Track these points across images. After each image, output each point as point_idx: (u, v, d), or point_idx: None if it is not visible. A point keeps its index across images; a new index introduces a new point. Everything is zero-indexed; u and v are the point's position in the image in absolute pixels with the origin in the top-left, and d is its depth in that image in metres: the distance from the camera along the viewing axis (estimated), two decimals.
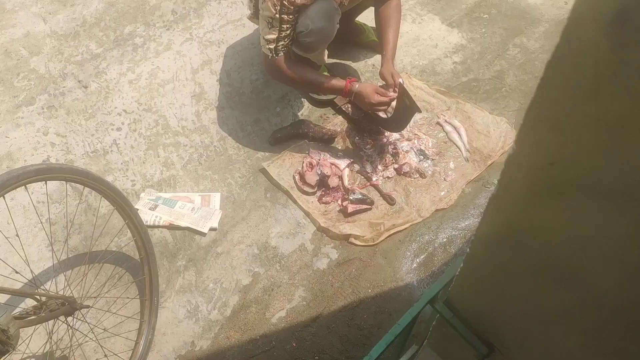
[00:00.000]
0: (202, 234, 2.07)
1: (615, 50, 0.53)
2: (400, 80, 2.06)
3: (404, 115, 2.13)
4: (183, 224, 2.08)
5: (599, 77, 0.55)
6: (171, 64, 2.57)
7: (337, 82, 2.12)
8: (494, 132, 2.36)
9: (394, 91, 2.09)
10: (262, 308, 1.91)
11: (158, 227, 2.08)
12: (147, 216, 2.08)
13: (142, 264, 1.85)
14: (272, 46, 2.02)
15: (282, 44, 2.02)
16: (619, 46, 0.52)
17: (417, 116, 2.27)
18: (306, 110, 2.47)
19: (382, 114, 2.26)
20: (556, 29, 2.80)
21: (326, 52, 2.38)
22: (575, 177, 0.63)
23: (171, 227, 2.08)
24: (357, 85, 2.11)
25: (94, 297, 1.75)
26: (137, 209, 2.09)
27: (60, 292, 1.63)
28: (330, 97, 2.43)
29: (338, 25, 2.11)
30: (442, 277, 1.14)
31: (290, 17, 1.97)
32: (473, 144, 2.33)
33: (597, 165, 0.60)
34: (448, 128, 2.37)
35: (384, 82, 2.17)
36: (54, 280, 1.83)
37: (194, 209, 2.12)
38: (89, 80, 2.48)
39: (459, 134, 2.35)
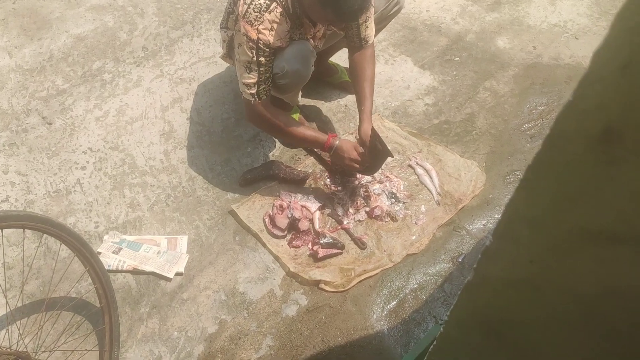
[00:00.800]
0: (168, 279, 2.02)
1: (601, 166, 0.53)
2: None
3: (376, 159, 2.14)
4: (148, 268, 2.02)
5: (582, 188, 0.56)
6: (140, 101, 2.55)
7: (319, 136, 2.14)
8: (465, 175, 2.39)
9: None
10: (229, 358, 1.85)
11: (121, 271, 2.02)
12: (110, 260, 2.02)
13: (102, 313, 1.79)
14: (253, 91, 2.01)
15: (264, 87, 2.02)
16: (606, 162, 0.52)
17: (389, 159, 2.28)
18: (277, 150, 2.47)
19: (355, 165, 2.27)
20: (525, 72, 2.89)
21: (300, 92, 2.39)
22: (555, 277, 0.63)
23: (135, 272, 2.03)
24: (337, 141, 2.13)
25: (50, 351, 1.68)
26: (100, 253, 2.03)
27: (14, 345, 1.56)
28: None
29: (313, 68, 2.13)
30: (413, 349, 1.12)
31: (268, 59, 1.98)
32: (444, 188, 2.35)
33: (579, 271, 0.60)
34: (419, 171, 2.39)
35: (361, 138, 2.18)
36: (7, 330, 1.75)
37: (160, 252, 2.07)
38: (53, 117, 2.44)
39: (430, 177, 2.37)
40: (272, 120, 2.06)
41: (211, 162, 2.39)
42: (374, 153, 2.12)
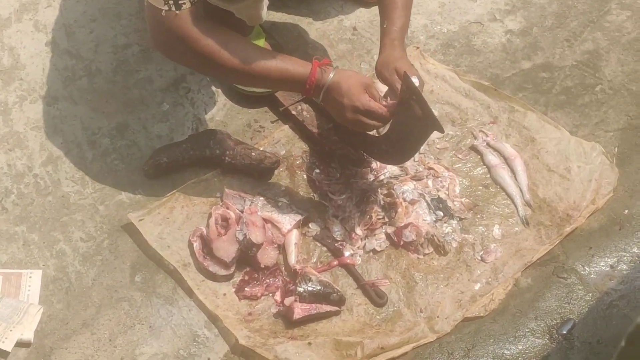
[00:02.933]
0: (2, 354, 2.00)
1: None
2: (415, 79, 2.05)
3: (412, 133, 2.12)
4: None
5: None
6: None
7: (295, 67, 2.10)
8: (579, 170, 2.39)
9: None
10: None
11: None
12: None
13: None
14: None
15: None
16: None
17: (434, 134, 2.27)
18: (222, 110, 2.48)
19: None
20: None
21: (264, 3, 2.37)
22: None
23: None
24: (332, 74, 2.11)
25: None
26: None
27: None
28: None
29: None
30: None
31: None
32: (538, 192, 2.35)
33: None
34: (492, 159, 2.40)
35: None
36: None
37: None
38: None
39: (513, 172, 2.38)
40: (199, 43, 2.02)
41: (92, 129, 2.38)
42: (407, 122, 2.10)
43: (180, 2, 1.97)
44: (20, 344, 2.02)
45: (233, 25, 2.23)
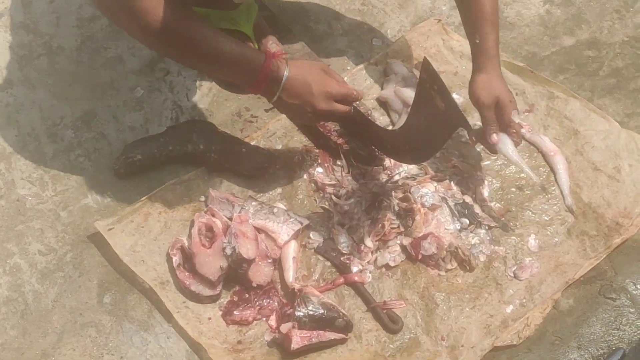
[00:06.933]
0: None
1: None
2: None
3: (432, 129, 2.06)
4: None
5: None
6: None
7: (249, 54, 2.08)
8: (630, 170, 2.32)
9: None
10: None
11: None
12: None
13: None
14: None
15: None
16: None
17: (458, 130, 2.20)
18: (206, 96, 2.41)
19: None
20: None
21: None
22: None
23: None
24: (285, 70, 2.07)
25: None
26: None
27: None
28: None
29: None
30: None
31: None
32: (582, 196, 2.27)
33: None
34: None
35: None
36: None
37: None
38: None
39: (552, 170, 2.31)
40: (146, 16, 1.96)
41: (53, 118, 2.33)
42: (426, 115, 2.03)
43: None
44: None
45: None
